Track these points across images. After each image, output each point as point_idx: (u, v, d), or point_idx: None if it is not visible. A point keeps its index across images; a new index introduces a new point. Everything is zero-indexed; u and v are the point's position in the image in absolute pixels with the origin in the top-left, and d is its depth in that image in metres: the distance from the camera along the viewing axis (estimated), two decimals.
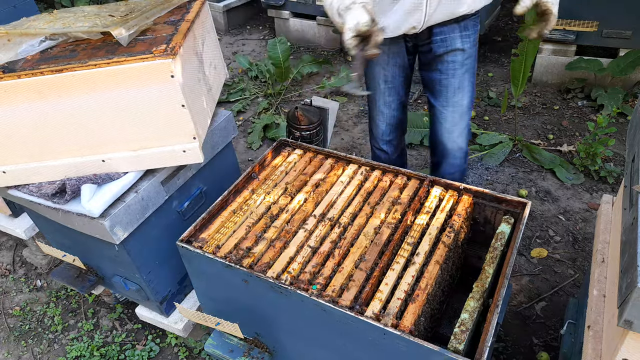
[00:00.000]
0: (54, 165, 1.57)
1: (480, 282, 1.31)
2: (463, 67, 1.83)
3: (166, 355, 2.19)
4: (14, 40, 1.56)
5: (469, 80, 1.87)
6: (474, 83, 1.90)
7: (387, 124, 2.09)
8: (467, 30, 1.78)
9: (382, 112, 2.06)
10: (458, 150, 1.98)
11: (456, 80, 1.85)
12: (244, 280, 1.39)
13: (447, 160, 2.04)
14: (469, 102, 1.91)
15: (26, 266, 2.68)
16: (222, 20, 5.14)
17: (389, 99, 2.01)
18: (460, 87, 1.86)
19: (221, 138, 1.93)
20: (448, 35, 1.78)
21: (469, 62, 1.83)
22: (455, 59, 1.81)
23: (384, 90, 1.99)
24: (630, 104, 3.39)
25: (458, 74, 1.84)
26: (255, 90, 4.07)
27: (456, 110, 1.90)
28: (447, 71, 1.85)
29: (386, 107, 2.04)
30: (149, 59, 1.38)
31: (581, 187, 2.85)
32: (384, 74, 1.95)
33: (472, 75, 1.88)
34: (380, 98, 2.03)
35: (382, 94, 2.01)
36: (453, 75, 1.85)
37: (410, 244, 1.42)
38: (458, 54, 1.80)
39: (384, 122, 2.09)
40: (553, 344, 2.08)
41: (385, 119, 2.08)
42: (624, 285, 0.96)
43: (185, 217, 1.88)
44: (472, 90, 1.90)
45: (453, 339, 1.16)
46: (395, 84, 1.97)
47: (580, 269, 2.38)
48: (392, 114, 2.06)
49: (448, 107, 1.91)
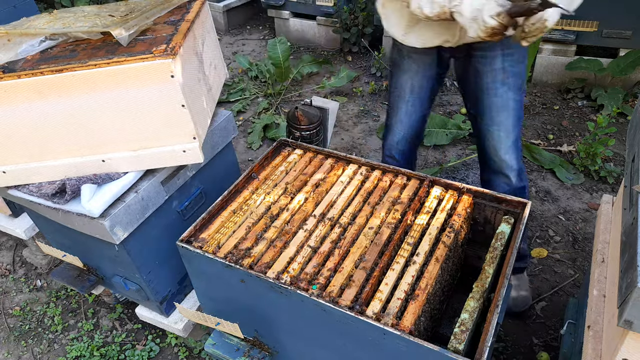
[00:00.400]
0: (54, 165, 1.57)
1: (480, 282, 1.31)
2: (504, 86, 1.74)
3: (166, 355, 2.19)
4: (14, 40, 1.56)
5: (513, 99, 1.76)
6: (520, 100, 1.79)
7: (404, 134, 2.02)
8: (510, 49, 1.67)
9: (401, 120, 1.99)
10: (508, 168, 1.87)
11: (499, 100, 1.76)
12: (240, 280, 1.39)
13: (497, 180, 1.95)
14: (515, 120, 1.80)
15: (26, 266, 2.68)
16: (222, 20, 5.14)
17: (411, 109, 1.95)
18: (504, 106, 1.77)
19: (221, 138, 1.93)
20: (488, 53, 1.69)
21: (511, 81, 1.73)
22: (495, 78, 1.73)
23: (408, 99, 1.93)
24: (630, 104, 3.39)
25: (500, 92, 1.75)
26: (255, 90, 4.07)
27: (501, 129, 1.80)
28: (489, 90, 1.76)
29: (407, 117, 1.97)
30: (149, 59, 1.38)
31: (581, 187, 2.85)
32: (412, 83, 1.88)
33: (517, 92, 1.77)
34: (402, 106, 1.96)
35: (405, 103, 1.94)
36: (495, 95, 1.75)
37: (410, 244, 1.42)
38: (499, 73, 1.71)
39: (401, 132, 2.02)
40: (553, 344, 2.08)
41: (403, 129, 2.01)
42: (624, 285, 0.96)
43: (185, 217, 1.88)
44: (517, 108, 1.79)
45: (453, 339, 1.16)
46: (421, 95, 1.91)
47: (580, 269, 2.38)
48: (412, 125, 1.99)
49: (493, 126, 1.82)
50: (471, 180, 2.95)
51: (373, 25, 4.25)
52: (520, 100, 1.78)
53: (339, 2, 4.26)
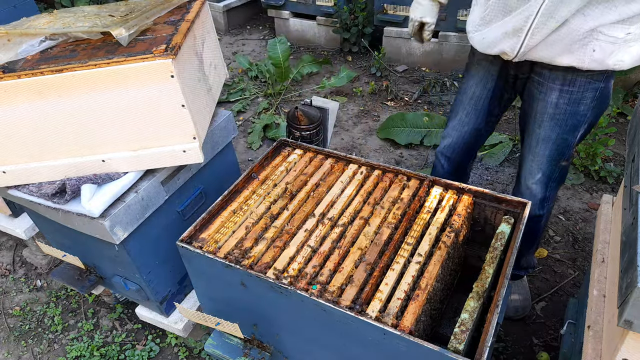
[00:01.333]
0: (54, 165, 1.57)
1: (480, 282, 1.31)
2: (552, 121, 1.64)
3: (166, 355, 2.19)
4: (14, 40, 1.56)
5: (559, 136, 1.65)
6: (567, 139, 1.66)
7: (454, 142, 1.95)
8: (572, 87, 1.55)
9: (454, 127, 1.93)
10: (530, 196, 1.81)
11: (542, 132, 1.68)
12: (241, 283, 1.39)
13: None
14: (555, 154, 1.70)
15: (26, 266, 2.68)
16: (222, 20, 5.14)
17: (465, 118, 1.88)
18: (545, 139, 1.68)
19: (221, 138, 1.93)
20: (546, 82, 1.60)
21: (561, 118, 1.61)
22: (544, 110, 1.63)
23: (466, 106, 1.87)
24: (630, 104, 3.39)
25: (545, 125, 1.66)
26: (255, 90, 4.07)
27: (535, 159, 1.74)
28: (536, 119, 1.68)
29: (460, 125, 1.91)
30: (149, 59, 1.38)
31: (581, 187, 2.85)
32: (474, 90, 1.82)
33: (567, 132, 1.64)
34: (460, 112, 1.90)
35: (463, 109, 1.88)
36: (540, 126, 1.67)
37: (410, 244, 1.42)
38: (550, 106, 1.61)
39: (451, 137, 1.95)
40: (553, 344, 2.08)
41: (454, 135, 1.94)
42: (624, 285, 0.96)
43: (185, 217, 1.88)
44: (562, 145, 1.68)
45: (453, 339, 1.16)
46: (478, 106, 1.84)
47: (580, 269, 2.38)
48: (463, 135, 1.92)
49: (529, 154, 1.76)
50: (471, 180, 2.95)
51: (373, 25, 4.25)
52: (568, 139, 1.67)
53: (339, 2, 4.26)
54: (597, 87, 1.55)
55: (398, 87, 3.97)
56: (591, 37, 1.40)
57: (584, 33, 1.40)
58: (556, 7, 1.38)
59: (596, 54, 1.42)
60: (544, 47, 1.48)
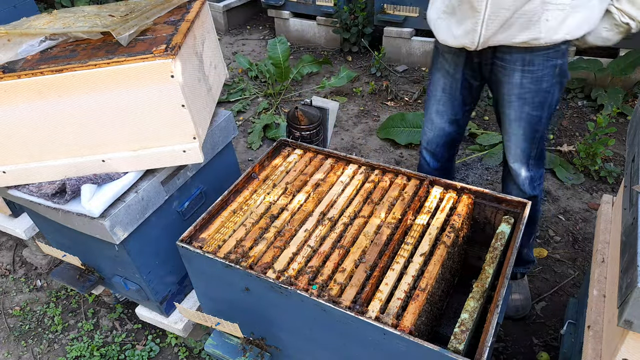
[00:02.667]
0: (54, 165, 1.57)
1: (480, 282, 1.31)
2: (520, 100, 1.71)
3: (166, 355, 2.19)
4: (14, 40, 1.56)
5: (528, 113, 1.73)
6: (538, 116, 1.74)
7: (435, 135, 2.00)
8: (531, 66, 1.63)
9: (432, 120, 1.98)
10: (516, 176, 1.88)
11: (512, 112, 1.75)
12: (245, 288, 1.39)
13: (509, 183, 1.96)
14: (528, 132, 1.78)
15: (26, 266, 2.68)
16: (222, 20, 5.14)
17: (442, 108, 1.93)
18: (517, 119, 1.76)
19: (221, 138, 1.93)
20: (508, 65, 1.67)
21: (528, 97, 1.70)
22: (511, 92, 1.71)
23: (440, 98, 1.91)
24: (630, 104, 3.39)
25: (515, 105, 1.73)
26: (255, 90, 4.07)
27: (511, 139, 1.82)
28: (504, 101, 1.76)
29: (437, 117, 1.96)
30: (149, 59, 1.38)
31: (581, 187, 2.85)
32: (444, 81, 1.87)
33: (535, 108, 1.73)
34: (434, 105, 1.95)
35: (437, 102, 1.93)
36: (509, 107, 1.75)
37: (410, 244, 1.42)
38: (515, 87, 1.69)
39: (431, 131, 2.00)
40: (553, 344, 2.08)
41: (433, 129, 1.99)
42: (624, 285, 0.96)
43: (185, 217, 1.88)
44: (534, 122, 1.76)
45: (453, 339, 1.16)
46: (453, 95, 1.89)
47: (580, 269, 2.38)
48: (442, 127, 1.97)
49: (505, 135, 1.84)
50: (471, 180, 2.95)
51: (373, 25, 4.25)
52: (539, 115, 1.74)
53: (339, 2, 4.26)
54: (555, 64, 1.65)
55: (398, 87, 3.97)
56: (542, 9, 1.50)
57: (535, 8, 1.49)
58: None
59: (550, 22, 1.52)
60: (502, 31, 1.57)
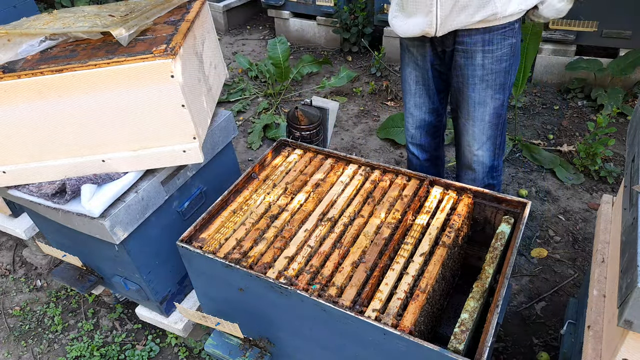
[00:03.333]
0: (54, 165, 1.57)
1: (480, 282, 1.31)
2: (483, 83, 1.75)
3: (166, 355, 2.19)
4: (14, 40, 1.56)
5: (492, 97, 1.77)
6: (500, 99, 1.79)
7: (417, 127, 2.03)
8: (490, 45, 1.68)
9: (412, 114, 2.01)
10: (479, 164, 1.90)
11: (476, 95, 1.78)
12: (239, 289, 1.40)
13: (466, 174, 1.97)
14: (493, 117, 1.81)
15: (26, 266, 2.68)
16: (222, 20, 5.14)
17: (419, 100, 1.96)
18: (480, 102, 1.79)
19: (221, 138, 1.93)
20: (469, 48, 1.71)
21: (489, 78, 1.74)
22: (474, 74, 1.74)
23: (415, 91, 1.95)
24: (630, 104, 3.39)
25: (478, 88, 1.76)
26: (255, 90, 4.07)
27: (476, 125, 1.83)
28: (467, 84, 1.78)
29: (417, 109, 1.99)
30: (149, 59, 1.38)
31: (581, 187, 2.85)
32: (415, 74, 1.91)
33: (498, 90, 1.77)
34: (410, 99, 1.98)
35: (412, 95, 1.97)
36: (473, 90, 1.77)
37: (410, 244, 1.42)
38: (478, 69, 1.73)
39: (413, 125, 2.04)
40: (553, 344, 2.08)
41: (414, 122, 2.02)
42: (624, 285, 0.96)
43: (185, 217, 1.88)
44: (497, 105, 1.80)
45: (453, 339, 1.16)
46: (426, 86, 1.92)
47: (580, 269, 2.38)
48: (423, 117, 2.00)
49: (469, 120, 1.84)
50: None
51: (373, 25, 4.25)
52: (501, 98, 1.79)
53: (339, 2, 4.26)
54: (511, 42, 1.71)
55: (398, 87, 3.97)
56: None
57: None
58: None
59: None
60: (458, 13, 1.61)
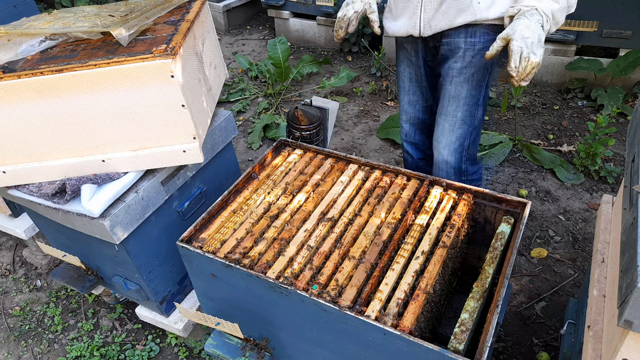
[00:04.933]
0: (54, 165, 1.57)
1: (480, 282, 1.31)
2: (461, 76, 1.73)
3: (166, 355, 2.19)
4: (14, 40, 1.56)
5: (468, 92, 1.74)
6: (476, 96, 1.76)
7: (411, 125, 2.05)
8: (473, 37, 1.68)
9: (405, 111, 2.03)
10: (443, 162, 1.87)
11: (452, 88, 1.76)
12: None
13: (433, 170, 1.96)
14: (465, 115, 1.78)
15: (26, 266, 2.68)
16: (222, 20, 5.14)
17: (413, 97, 1.98)
18: (455, 96, 1.76)
19: (221, 138, 1.93)
20: (452, 39, 1.71)
21: (467, 72, 1.72)
22: (454, 65, 1.73)
23: (409, 88, 1.96)
24: (630, 104, 3.39)
25: (455, 81, 1.74)
26: (255, 90, 4.07)
27: (448, 120, 1.80)
28: (446, 77, 1.78)
29: (410, 107, 2.00)
30: (149, 59, 1.38)
31: (581, 187, 2.85)
32: (409, 71, 1.93)
33: (475, 87, 1.74)
34: (404, 96, 2.00)
35: (406, 93, 1.98)
36: (450, 82, 1.76)
37: (410, 244, 1.42)
38: (458, 61, 1.72)
39: (407, 122, 2.05)
40: (553, 344, 2.08)
41: (409, 119, 2.04)
42: (624, 285, 0.96)
43: (185, 217, 1.88)
44: (472, 103, 1.77)
45: (453, 339, 1.16)
46: (420, 83, 1.93)
47: (580, 269, 2.38)
48: (416, 115, 2.01)
49: (441, 115, 1.83)
50: None
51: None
52: (477, 95, 1.76)
53: (339, 2, 4.26)
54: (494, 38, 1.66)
55: None
56: None
57: None
58: None
59: (481, 4, 1.60)
60: (441, 17, 1.64)
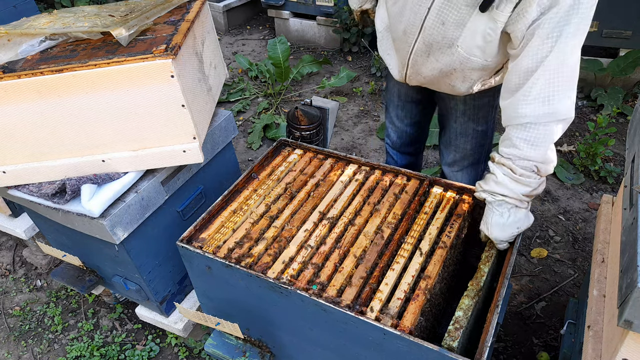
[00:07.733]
0: (54, 165, 1.57)
1: (475, 281, 1.31)
2: (465, 116, 1.75)
3: (166, 355, 2.19)
4: (14, 40, 1.56)
5: (474, 129, 1.77)
6: (483, 130, 1.78)
7: (399, 137, 2.06)
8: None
9: (393, 123, 2.03)
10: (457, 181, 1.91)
11: (458, 125, 1.79)
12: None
13: None
14: (475, 147, 1.82)
15: (26, 266, 2.68)
16: (222, 20, 5.14)
17: (401, 113, 1.98)
18: (463, 133, 1.79)
19: (221, 138, 1.93)
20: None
21: (472, 113, 1.73)
22: (456, 107, 1.74)
23: (397, 104, 1.96)
24: (630, 104, 3.39)
25: (460, 121, 1.77)
26: (255, 90, 4.07)
27: (458, 151, 1.85)
28: (450, 115, 1.79)
29: (398, 121, 2.01)
30: (149, 59, 1.38)
31: (581, 187, 2.85)
32: (399, 87, 1.91)
33: (481, 123, 1.76)
34: (393, 110, 2.00)
35: (395, 107, 1.98)
36: (455, 121, 1.78)
37: (410, 244, 1.42)
38: (459, 104, 1.72)
39: (395, 133, 2.06)
40: (553, 344, 2.08)
41: (396, 131, 2.05)
42: (624, 285, 0.96)
43: (185, 217, 1.88)
44: (479, 136, 1.80)
45: (447, 336, 1.16)
46: (408, 100, 1.93)
47: (580, 269, 2.38)
48: (404, 129, 2.02)
49: (450, 147, 1.87)
50: None
51: (373, 26, 4.24)
52: (484, 130, 1.78)
53: (339, 2, 4.26)
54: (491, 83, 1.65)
55: None
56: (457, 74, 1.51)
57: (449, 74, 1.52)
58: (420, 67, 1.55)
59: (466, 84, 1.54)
60: (426, 83, 1.63)
